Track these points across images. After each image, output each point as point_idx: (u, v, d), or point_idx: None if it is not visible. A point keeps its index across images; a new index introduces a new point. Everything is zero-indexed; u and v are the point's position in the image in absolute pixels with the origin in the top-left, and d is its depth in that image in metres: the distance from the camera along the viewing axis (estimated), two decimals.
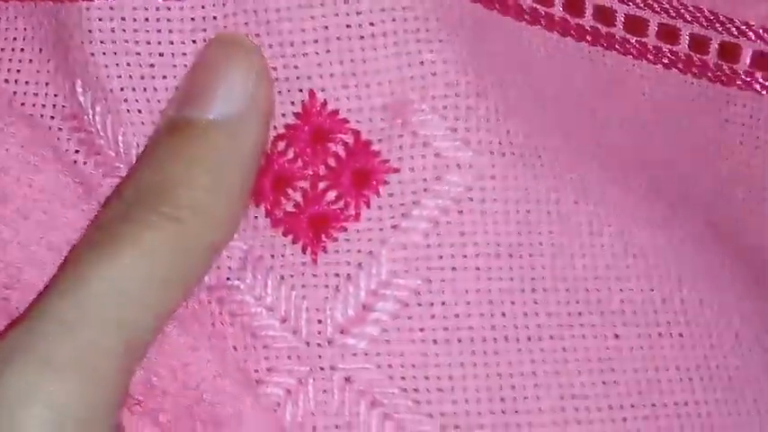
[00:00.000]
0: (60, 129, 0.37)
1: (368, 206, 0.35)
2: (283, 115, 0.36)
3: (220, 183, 0.33)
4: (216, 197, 0.33)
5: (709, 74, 0.41)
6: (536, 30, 0.39)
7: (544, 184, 0.36)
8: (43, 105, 0.37)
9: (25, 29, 0.37)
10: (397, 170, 0.35)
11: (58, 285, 0.32)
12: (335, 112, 0.36)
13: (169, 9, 0.35)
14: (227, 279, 0.35)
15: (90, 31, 0.35)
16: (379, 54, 0.36)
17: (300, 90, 0.36)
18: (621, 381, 0.36)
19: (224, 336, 0.35)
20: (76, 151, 0.37)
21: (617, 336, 0.37)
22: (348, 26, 0.35)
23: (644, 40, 0.40)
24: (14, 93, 0.37)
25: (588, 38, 0.39)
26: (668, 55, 0.40)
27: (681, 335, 0.37)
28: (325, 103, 0.36)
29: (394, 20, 0.35)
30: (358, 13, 0.35)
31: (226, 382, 0.34)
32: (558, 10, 0.39)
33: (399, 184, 0.35)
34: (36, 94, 0.37)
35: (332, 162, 0.36)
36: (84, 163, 0.37)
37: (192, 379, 0.34)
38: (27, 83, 0.37)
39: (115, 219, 0.33)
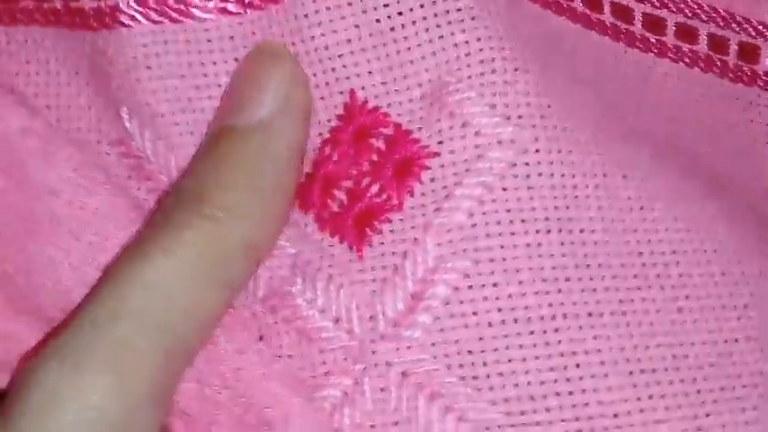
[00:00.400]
0: (108, 153, 0.37)
1: (411, 194, 0.34)
2: (328, 120, 0.36)
3: (256, 183, 0.33)
4: (252, 197, 0.33)
5: (730, 74, 0.39)
6: (562, 20, 0.38)
7: (590, 158, 0.35)
8: (88, 130, 0.37)
9: (55, 50, 0.38)
10: (437, 154, 0.35)
11: (96, 290, 0.32)
12: (376, 108, 0.35)
13: (207, 30, 0.36)
14: (279, 287, 0.35)
15: (135, 57, 0.36)
16: (411, 43, 0.35)
17: (341, 92, 0.36)
18: (691, 353, 0.34)
19: (279, 345, 0.35)
20: (128, 177, 0.37)
21: (680, 309, 0.35)
22: (378, 20, 0.35)
23: (663, 38, 0.39)
24: (57, 119, 0.37)
25: (609, 32, 0.38)
26: (689, 54, 0.39)
27: (745, 306, 0.35)
28: (365, 101, 0.35)
29: (422, 6, 0.35)
30: (385, 6, 0.35)
31: (273, 384, 0.33)
32: (578, 5, 0.38)
33: (441, 167, 0.34)
34: (80, 118, 0.38)
35: (374, 157, 0.35)
36: (138, 189, 0.37)
37: (242, 384, 0.33)
38: (69, 107, 0.38)
39: (154, 226, 0.33)
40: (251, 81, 0.35)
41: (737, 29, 0.39)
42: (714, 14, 0.39)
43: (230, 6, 0.36)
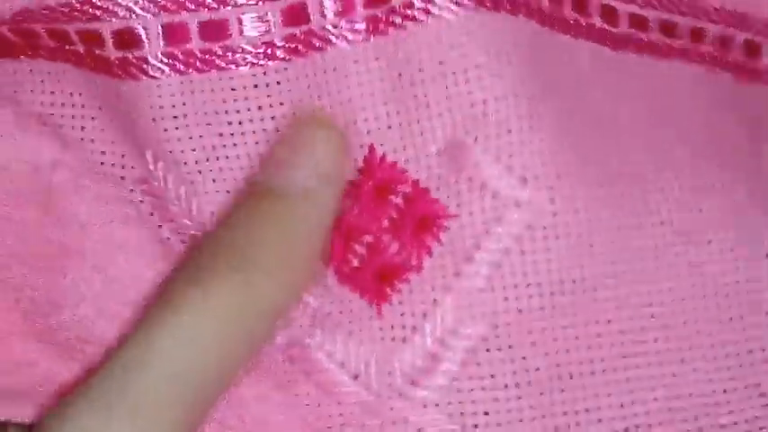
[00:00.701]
0: (132, 190, 0.38)
1: (429, 255, 0.35)
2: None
3: (291, 247, 0.34)
4: (286, 260, 0.34)
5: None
6: (581, 42, 0.38)
7: (606, 211, 0.36)
8: (113, 164, 0.38)
9: (79, 84, 0.38)
10: (456, 216, 0.35)
11: (129, 335, 0.32)
12: (394, 163, 0.36)
13: (232, 78, 0.36)
14: (299, 337, 0.36)
15: (162, 107, 0.36)
16: (430, 100, 0.36)
17: (361, 146, 0.36)
18: (687, 405, 0.35)
19: (296, 394, 0.36)
20: (151, 214, 0.38)
21: (682, 360, 0.36)
22: (400, 75, 0.36)
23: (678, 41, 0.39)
24: (81, 139, 0.38)
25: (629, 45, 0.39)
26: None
27: (750, 352, 0.36)
28: (384, 156, 0.36)
29: (441, 62, 0.35)
30: (407, 62, 0.36)
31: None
32: (597, 20, 0.38)
33: (460, 228, 0.35)
34: (103, 152, 0.38)
35: (394, 214, 0.36)
36: (160, 226, 0.38)
37: (260, 429, 0.35)
38: (93, 140, 0.38)
39: (186, 276, 0.33)
40: (299, 148, 0.35)
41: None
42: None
43: (253, 58, 0.36)
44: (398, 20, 0.36)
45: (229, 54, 0.36)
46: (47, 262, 0.36)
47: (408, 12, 0.36)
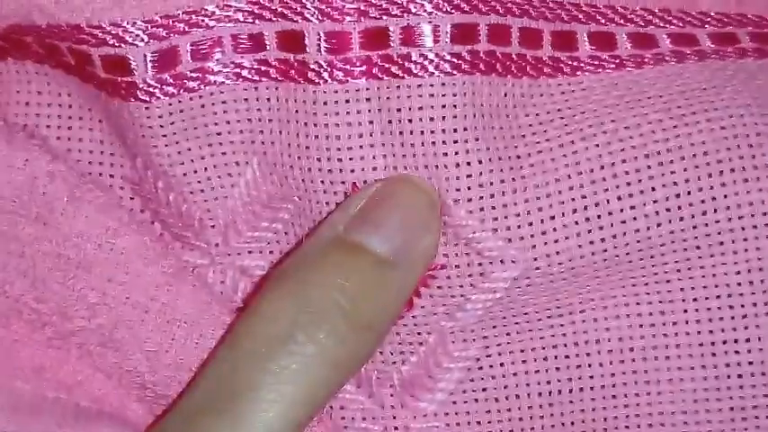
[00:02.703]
0: (122, 188, 0.39)
1: (418, 296, 0.37)
2: (327, 203, 0.37)
3: (379, 318, 0.35)
4: (373, 331, 0.34)
5: None
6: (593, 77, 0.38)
7: (589, 258, 0.37)
8: (100, 163, 0.38)
9: (68, 86, 0.38)
10: (443, 266, 0.36)
11: (205, 425, 0.33)
12: None
13: (222, 93, 0.36)
14: None
15: (151, 127, 0.36)
16: (417, 151, 0.35)
17: (343, 182, 0.36)
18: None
19: None
20: (142, 211, 0.39)
21: (679, 368, 0.38)
22: (389, 122, 0.35)
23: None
24: (68, 149, 0.38)
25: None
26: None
27: None
28: None
29: (432, 119, 0.35)
30: (398, 110, 0.35)
31: None
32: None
33: (447, 279, 0.37)
34: (91, 152, 0.38)
35: None
36: (152, 222, 0.39)
37: None
38: (81, 140, 0.38)
39: (273, 341, 0.33)
40: (393, 210, 0.35)
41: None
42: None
43: (245, 73, 0.36)
44: (395, 69, 0.35)
45: (221, 71, 0.36)
46: (50, 274, 0.37)
47: (405, 63, 0.35)
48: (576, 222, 0.36)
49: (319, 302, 0.33)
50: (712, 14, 0.40)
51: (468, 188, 0.36)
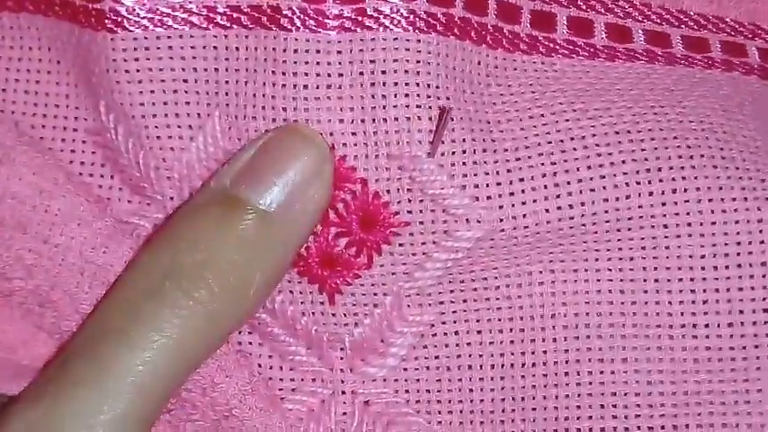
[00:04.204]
0: (84, 141, 0.38)
1: (378, 253, 0.36)
2: None
3: (260, 273, 0.34)
4: (251, 286, 0.34)
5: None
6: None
7: (555, 224, 0.36)
8: (65, 117, 0.38)
9: (40, 38, 0.38)
10: (407, 224, 0.36)
11: (77, 369, 0.33)
12: (342, 158, 0.36)
13: (193, 37, 0.36)
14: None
15: (115, 60, 0.36)
16: (388, 102, 0.35)
17: None
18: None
19: (250, 353, 0.38)
20: (102, 165, 0.38)
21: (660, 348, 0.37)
22: (361, 73, 0.35)
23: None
24: (35, 104, 0.38)
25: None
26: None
27: None
28: (332, 147, 0.35)
29: (406, 71, 0.35)
30: (372, 62, 0.35)
31: (254, 398, 0.37)
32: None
33: (410, 236, 0.36)
34: (57, 105, 0.38)
35: (341, 208, 0.36)
36: (112, 177, 0.38)
37: (222, 396, 0.37)
38: (47, 94, 0.38)
39: (142, 294, 0.33)
40: (280, 161, 0.34)
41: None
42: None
43: (219, 19, 0.36)
44: (368, 22, 0.35)
45: (194, 12, 0.36)
46: None
47: (380, 18, 0.35)
48: (545, 186, 0.36)
49: (193, 255, 0.33)
50: (691, 14, 0.40)
51: (441, 144, 0.35)
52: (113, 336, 0.33)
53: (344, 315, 0.37)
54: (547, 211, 0.36)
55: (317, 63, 0.35)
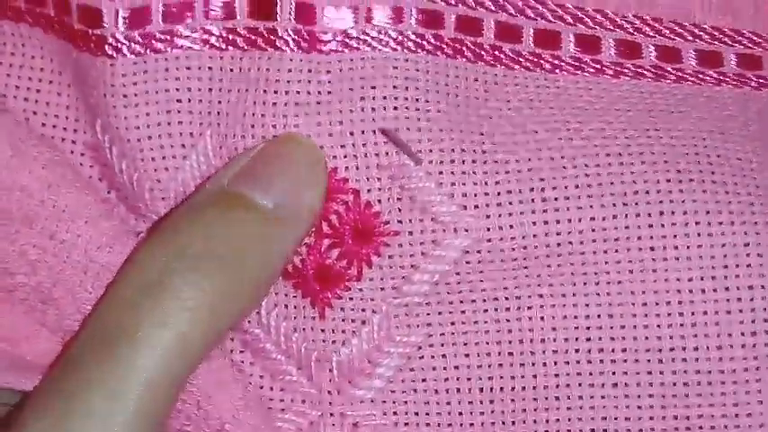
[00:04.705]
0: (83, 154, 0.39)
1: (369, 266, 0.37)
2: None
3: (259, 268, 0.35)
4: (252, 282, 0.35)
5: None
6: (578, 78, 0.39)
7: (542, 239, 0.37)
8: (65, 128, 0.39)
9: (42, 47, 0.39)
10: (397, 233, 0.37)
11: (84, 372, 0.33)
12: (334, 170, 0.37)
13: (188, 58, 0.37)
14: (248, 323, 0.38)
15: (113, 85, 0.37)
16: (377, 115, 0.36)
17: None
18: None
19: (243, 370, 0.38)
20: (100, 179, 0.39)
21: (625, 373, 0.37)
22: (351, 89, 0.36)
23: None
24: (34, 112, 0.39)
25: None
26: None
27: None
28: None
29: (395, 87, 0.36)
30: (361, 78, 0.36)
31: (248, 414, 0.37)
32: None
33: (399, 247, 0.37)
34: (57, 116, 0.39)
35: (334, 219, 0.37)
36: (108, 192, 0.39)
37: (216, 411, 0.37)
38: (48, 104, 0.39)
39: (143, 290, 0.34)
40: (282, 163, 0.36)
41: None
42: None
43: (213, 40, 0.37)
44: (358, 44, 0.37)
45: (190, 35, 0.37)
46: None
47: (369, 39, 0.37)
48: (533, 200, 0.36)
49: (193, 250, 0.34)
50: (705, 27, 0.41)
51: (430, 150, 0.36)
52: (117, 334, 0.33)
53: (333, 332, 0.37)
54: (534, 224, 0.36)
55: (309, 81, 0.36)
